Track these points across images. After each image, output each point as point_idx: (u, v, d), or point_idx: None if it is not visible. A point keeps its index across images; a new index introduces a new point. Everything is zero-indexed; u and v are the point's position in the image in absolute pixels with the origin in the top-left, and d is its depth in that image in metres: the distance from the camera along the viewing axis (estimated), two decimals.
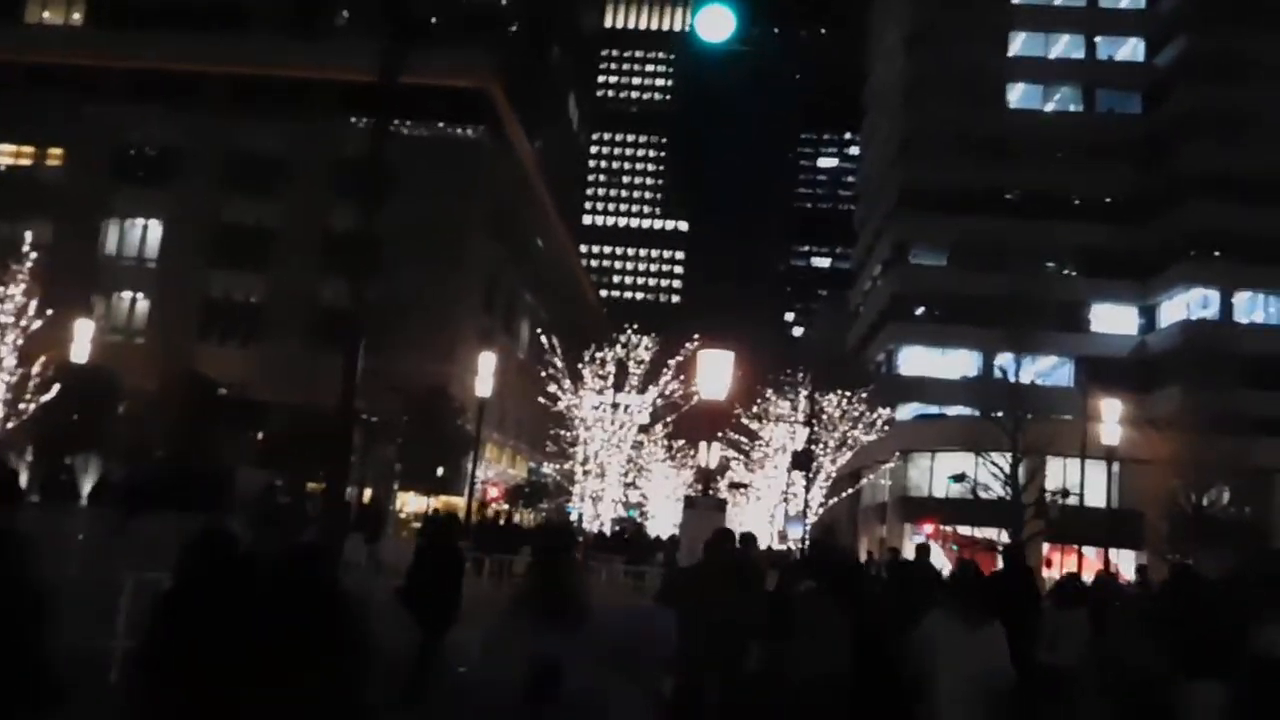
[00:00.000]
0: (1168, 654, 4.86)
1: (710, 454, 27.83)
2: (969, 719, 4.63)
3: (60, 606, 2.93)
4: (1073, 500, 29.90)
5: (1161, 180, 48.33)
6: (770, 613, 4.46)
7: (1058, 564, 31.24)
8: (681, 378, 38.55)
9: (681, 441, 54.45)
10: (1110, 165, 50.39)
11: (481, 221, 43.85)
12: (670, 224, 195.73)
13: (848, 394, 40.90)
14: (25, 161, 48.90)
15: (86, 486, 27.32)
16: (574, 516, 39.83)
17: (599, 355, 38.10)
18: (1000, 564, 8.96)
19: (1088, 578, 15.16)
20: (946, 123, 51.04)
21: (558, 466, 41.44)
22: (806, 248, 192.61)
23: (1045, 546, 34.11)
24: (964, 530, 37.98)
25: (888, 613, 5.28)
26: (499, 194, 46.66)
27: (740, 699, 3.34)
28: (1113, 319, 50.50)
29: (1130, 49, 53.82)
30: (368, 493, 37.31)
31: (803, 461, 32.39)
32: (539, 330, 44.14)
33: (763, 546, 42.85)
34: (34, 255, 31.63)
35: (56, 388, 30.15)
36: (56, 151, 46.90)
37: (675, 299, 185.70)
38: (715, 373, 9.35)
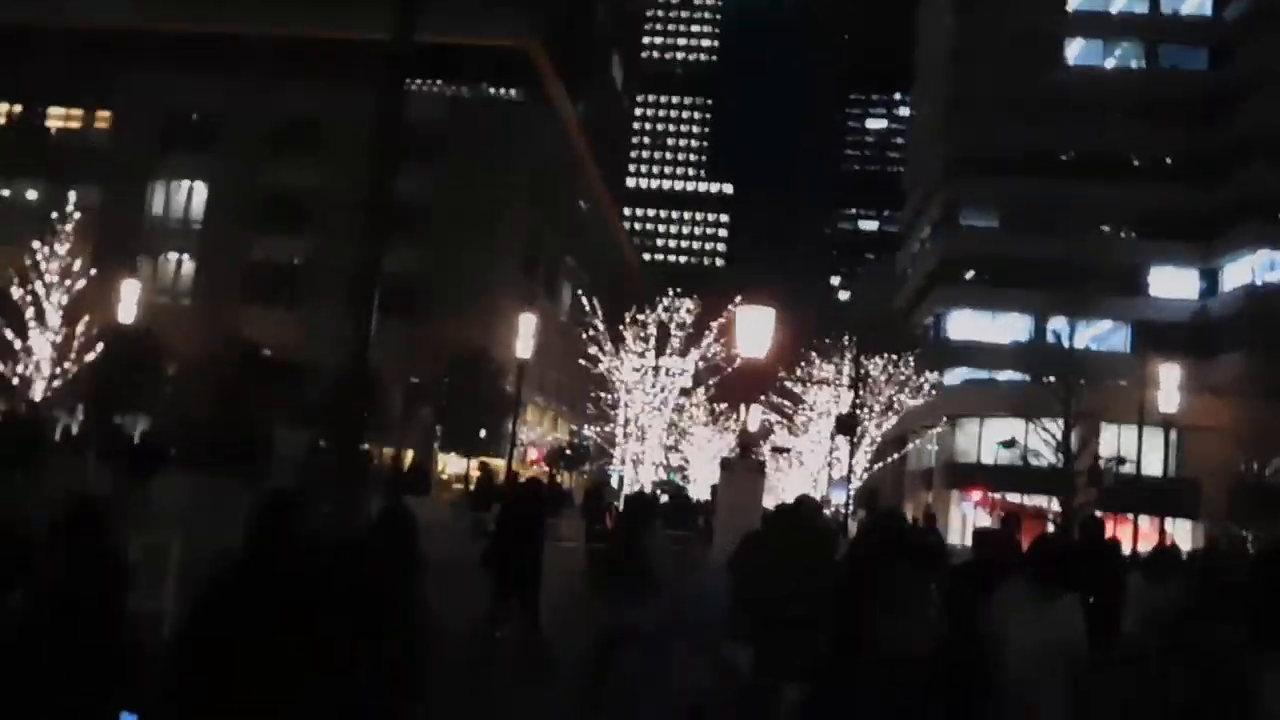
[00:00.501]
0: (1252, 629, 4.51)
1: (751, 416, 27.31)
2: (1040, 691, 4.52)
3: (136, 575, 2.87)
4: (1128, 468, 29.07)
5: (1226, 139, 46.63)
6: (849, 583, 4.29)
7: (1110, 534, 30.42)
8: (723, 340, 38.04)
9: (724, 405, 54.04)
10: (1172, 124, 48.73)
11: (522, 184, 43.47)
12: (714, 187, 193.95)
13: (894, 357, 40.16)
14: (74, 125, 49.41)
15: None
16: (614, 480, 39.67)
17: (640, 317, 37.73)
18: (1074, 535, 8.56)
19: (1145, 549, 14.58)
20: (1000, 81, 49.57)
21: (599, 429, 41.29)
22: (853, 211, 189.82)
23: (1097, 514, 33.25)
24: (1013, 498, 37.24)
25: (973, 585, 5.15)
26: (540, 156, 46.21)
27: (820, 674, 3.17)
28: (1172, 283, 49.06)
29: (1196, 3, 51.78)
30: (409, 454, 37.45)
31: (847, 425, 31.79)
32: (580, 293, 43.80)
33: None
34: (77, 216, 31.84)
35: (101, 348, 30.46)
36: (104, 115, 47.29)
37: (719, 263, 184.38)
38: (755, 330, 8.89)
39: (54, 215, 31.50)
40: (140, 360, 32.71)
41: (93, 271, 30.73)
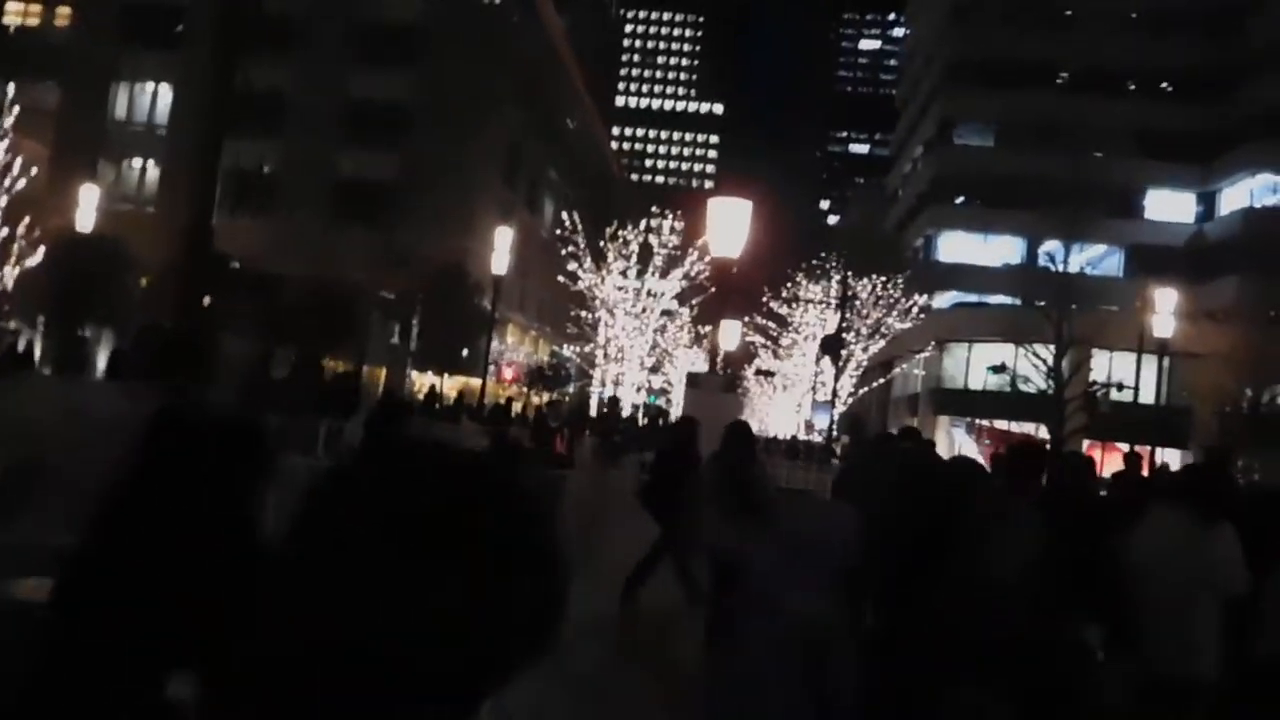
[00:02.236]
0: None
1: (727, 331, 26.33)
2: (1184, 625, 4.44)
3: None
4: (1125, 394, 28.40)
5: (1228, 55, 45.12)
6: (950, 512, 3.80)
7: (1100, 462, 29.88)
8: (707, 259, 36.96)
9: (709, 328, 53.22)
10: (1173, 38, 47.08)
11: (504, 92, 41.70)
12: (705, 106, 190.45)
13: (883, 279, 39.20)
14: (33, 21, 47.08)
15: (100, 359, 26.59)
16: (593, 400, 38.85)
17: (622, 233, 36.59)
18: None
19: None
20: None
21: (578, 349, 40.39)
22: (845, 133, 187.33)
23: (1085, 443, 32.79)
24: (1000, 424, 36.70)
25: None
26: (524, 64, 44.34)
27: (934, 605, 3.06)
28: (1169, 206, 48.04)
29: None
30: (381, 372, 36.46)
31: (832, 346, 30.90)
32: (563, 210, 42.44)
33: (788, 436, 41.90)
34: (16, 110, 30.17)
35: (49, 253, 29.12)
36: (64, 11, 45.01)
37: (708, 184, 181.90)
38: (729, 225, 7.81)
39: None
40: (102, 270, 31.38)
41: (33, 172, 29.12)
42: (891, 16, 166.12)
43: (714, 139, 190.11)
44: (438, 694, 0.77)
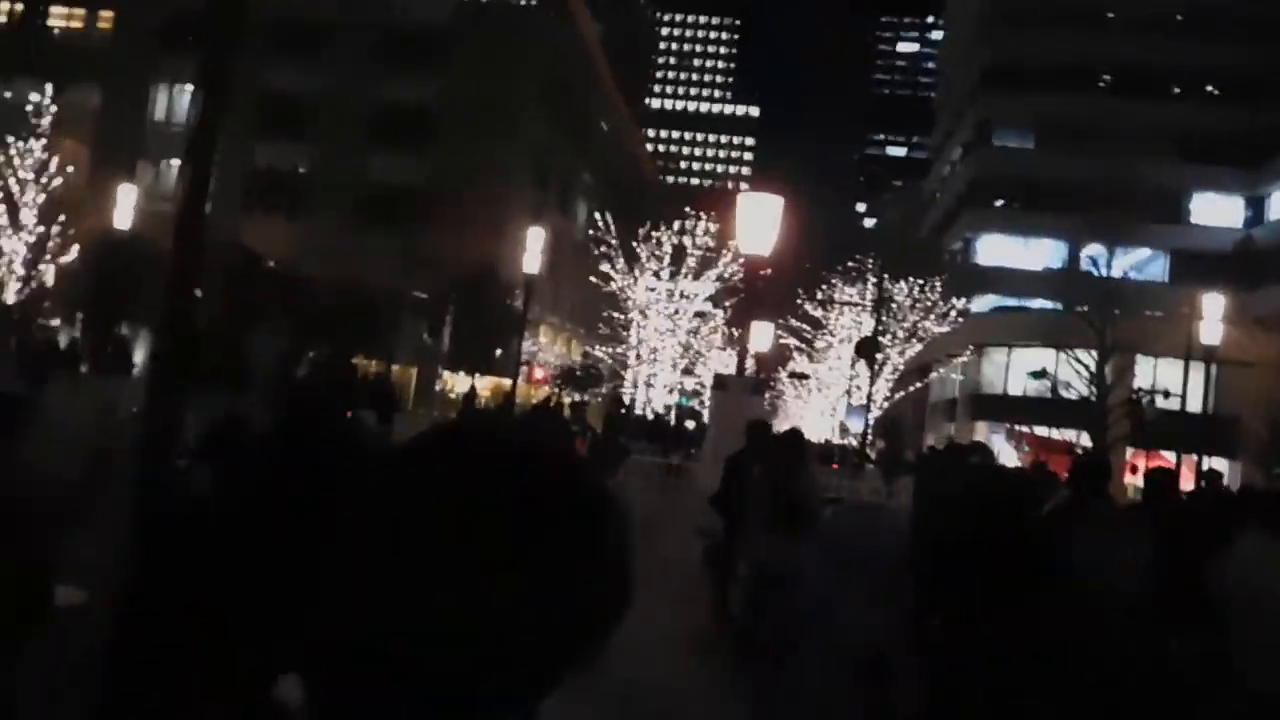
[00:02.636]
0: None
1: (760, 334, 25.91)
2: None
3: None
4: (1171, 403, 27.69)
5: (1274, 56, 44.03)
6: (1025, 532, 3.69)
7: (1143, 471, 29.19)
8: (741, 260, 36.60)
9: (742, 330, 52.83)
10: (1218, 39, 46.05)
11: (536, 95, 41.65)
12: (741, 109, 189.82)
13: (919, 282, 38.64)
14: (76, 25, 47.70)
15: (138, 356, 26.79)
16: (626, 401, 38.61)
17: (655, 235, 36.35)
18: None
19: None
20: None
21: (611, 350, 40.22)
22: (881, 136, 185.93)
23: (1129, 451, 32.05)
24: (1040, 431, 35.95)
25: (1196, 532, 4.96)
26: (557, 67, 44.26)
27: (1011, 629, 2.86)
28: (1214, 210, 46.95)
29: None
30: (413, 372, 36.49)
31: (868, 349, 30.41)
32: (596, 211, 42.26)
33: (821, 440, 41.39)
34: (54, 109, 30.47)
35: (83, 252, 29.40)
36: (107, 14, 45.57)
37: (744, 187, 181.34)
38: (758, 222, 7.50)
39: (28, 110, 30.16)
40: (140, 269, 31.67)
41: (69, 171, 29.39)
42: (930, 19, 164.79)
43: (749, 141, 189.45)
44: (499, 694, 0.76)
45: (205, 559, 1.99)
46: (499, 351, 35.92)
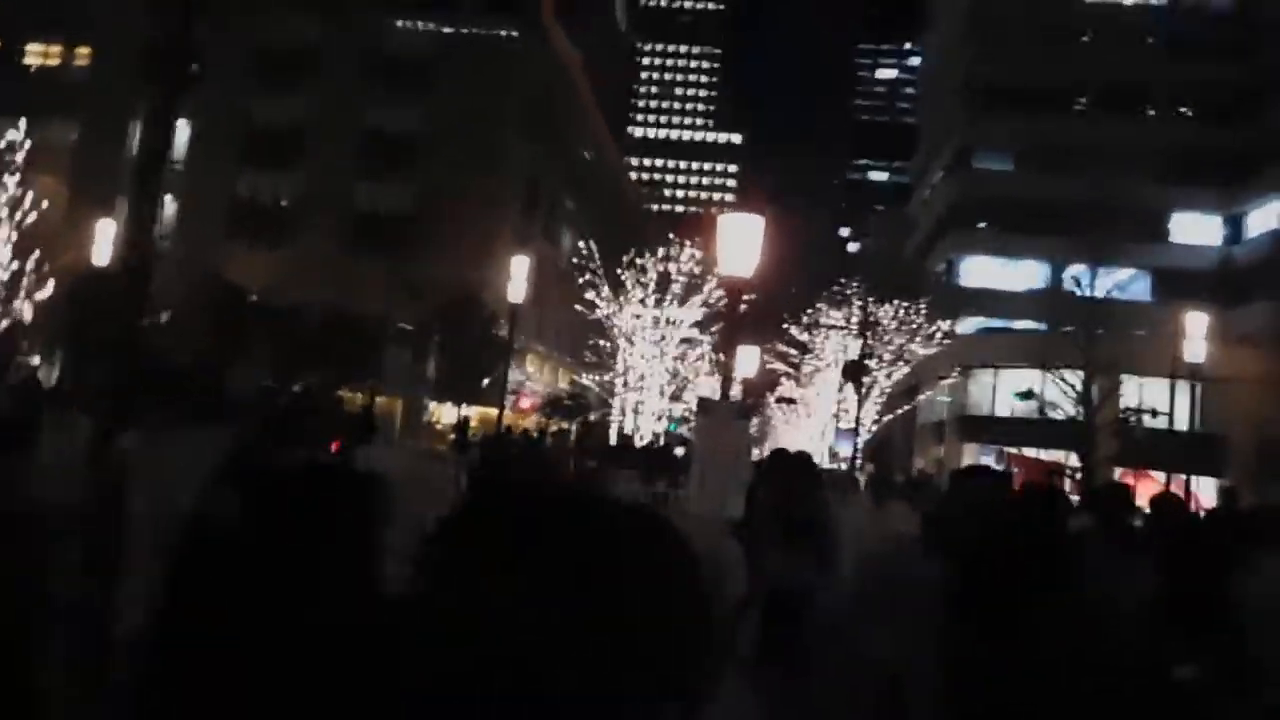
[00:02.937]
0: None
1: (745, 358, 25.76)
2: None
3: None
4: (1159, 421, 27.66)
5: (1251, 77, 44.55)
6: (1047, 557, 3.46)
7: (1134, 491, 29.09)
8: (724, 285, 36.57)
9: (728, 355, 52.69)
10: (1198, 60, 46.58)
11: (519, 123, 41.72)
12: (723, 137, 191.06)
13: (905, 305, 38.68)
14: (53, 61, 47.60)
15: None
16: (614, 429, 38.38)
17: (639, 261, 36.28)
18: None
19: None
20: (1016, 15, 47.49)
21: (597, 378, 40.03)
22: (864, 161, 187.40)
23: (1117, 471, 31.97)
24: (1029, 452, 35.90)
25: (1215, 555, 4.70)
26: (538, 95, 44.38)
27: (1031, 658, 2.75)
28: (1194, 229, 47.29)
29: None
30: (399, 403, 36.16)
31: (854, 372, 30.33)
32: (581, 238, 42.23)
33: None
34: (27, 144, 30.32)
35: (65, 288, 29.11)
36: (84, 50, 45.48)
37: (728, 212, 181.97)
38: (740, 242, 7.36)
39: (2, 147, 29.97)
40: (119, 305, 31.36)
41: (45, 207, 29.17)
42: (908, 46, 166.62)
43: (732, 168, 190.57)
44: None
45: (233, 586, 1.76)
46: (486, 380, 35.71)
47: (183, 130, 41.76)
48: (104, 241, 28.87)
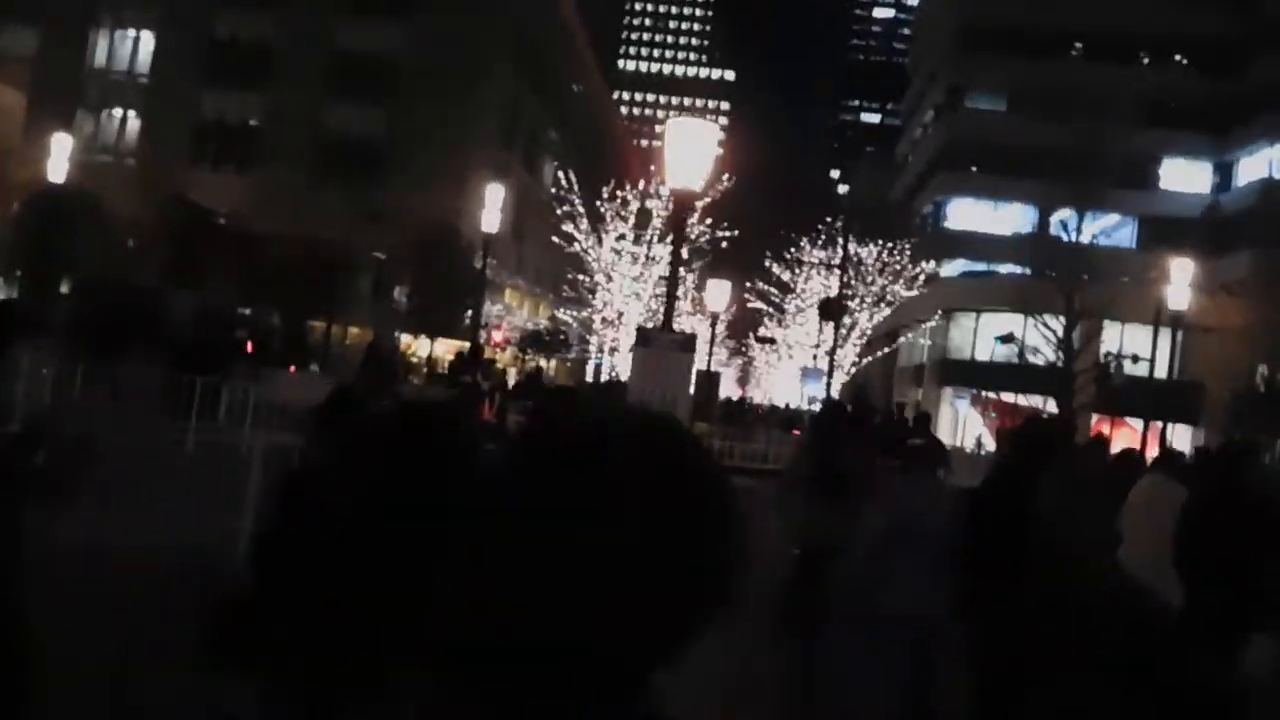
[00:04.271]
0: None
1: (716, 292, 25.20)
2: (1164, 573, 3.70)
3: None
4: (1139, 368, 27.37)
5: (1244, 24, 43.71)
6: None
7: (1110, 439, 28.90)
8: (709, 221, 35.84)
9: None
10: (1189, 6, 45.65)
11: (500, 46, 40.41)
12: (715, 73, 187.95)
13: (888, 245, 38.08)
14: None
15: None
16: (593, 367, 37.93)
17: (620, 195, 35.45)
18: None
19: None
20: None
21: (575, 314, 39.43)
22: (857, 102, 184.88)
23: (1094, 418, 31.78)
24: (1007, 398, 35.69)
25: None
26: (525, 20, 42.99)
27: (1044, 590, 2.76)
28: (1183, 176, 46.77)
29: None
30: (367, 335, 35.42)
31: (832, 310, 29.74)
32: (564, 172, 41.24)
33: (783, 405, 40.73)
34: None
35: (21, 207, 28.10)
36: None
37: (718, 151, 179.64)
38: (690, 151, 6.71)
39: None
40: (79, 224, 30.34)
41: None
42: None
43: (724, 106, 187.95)
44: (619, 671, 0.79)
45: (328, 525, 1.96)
46: (468, 314, 35.06)
47: (146, 43, 40.25)
48: (60, 157, 27.85)
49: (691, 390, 7.29)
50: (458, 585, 0.78)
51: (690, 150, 6.59)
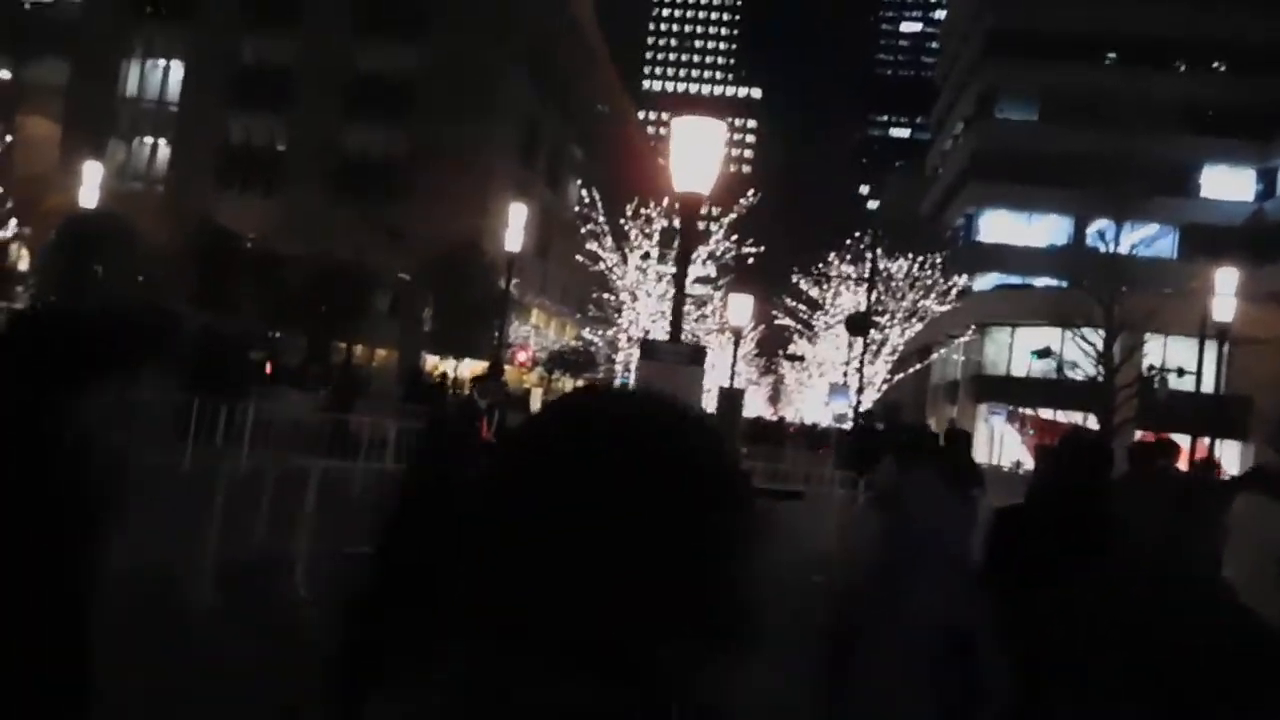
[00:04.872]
0: None
1: (738, 307, 24.62)
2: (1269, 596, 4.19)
3: None
4: (1185, 382, 26.45)
5: None
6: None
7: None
8: (734, 237, 35.37)
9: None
10: (1227, 10, 44.62)
11: (520, 65, 40.25)
12: (742, 91, 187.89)
13: (919, 259, 37.32)
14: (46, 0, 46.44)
15: None
16: (618, 386, 37.38)
17: (644, 211, 35.05)
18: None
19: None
20: None
21: (601, 333, 39.01)
22: (885, 117, 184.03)
23: (1137, 434, 30.79)
24: (1045, 414, 34.77)
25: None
26: (546, 37, 42.84)
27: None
28: (1225, 183, 45.60)
29: None
30: (394, 356, 35.26)
31: (860, 324, 28.98)
32: (588, 190, 40.93)
33: (808, 423, 39.87)
34: (19, 85, 29.26)
35: (55, 233, 28.17)
36: None
37: (745, 169, 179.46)
38: (697, 153, 6.21)
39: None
40: (111, 249, 30.44)
41: (36, 150, 28.17)
42: None
43: (751, 123, 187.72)
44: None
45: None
46: (496, 334, 34.75)
47: (175, 71, 40.55)
48: (92, 184, 27.92)
49: (707, 406, 6.76)
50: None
51: (697, 152, 6.10)
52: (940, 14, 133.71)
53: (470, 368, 34.82)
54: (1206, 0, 45.19)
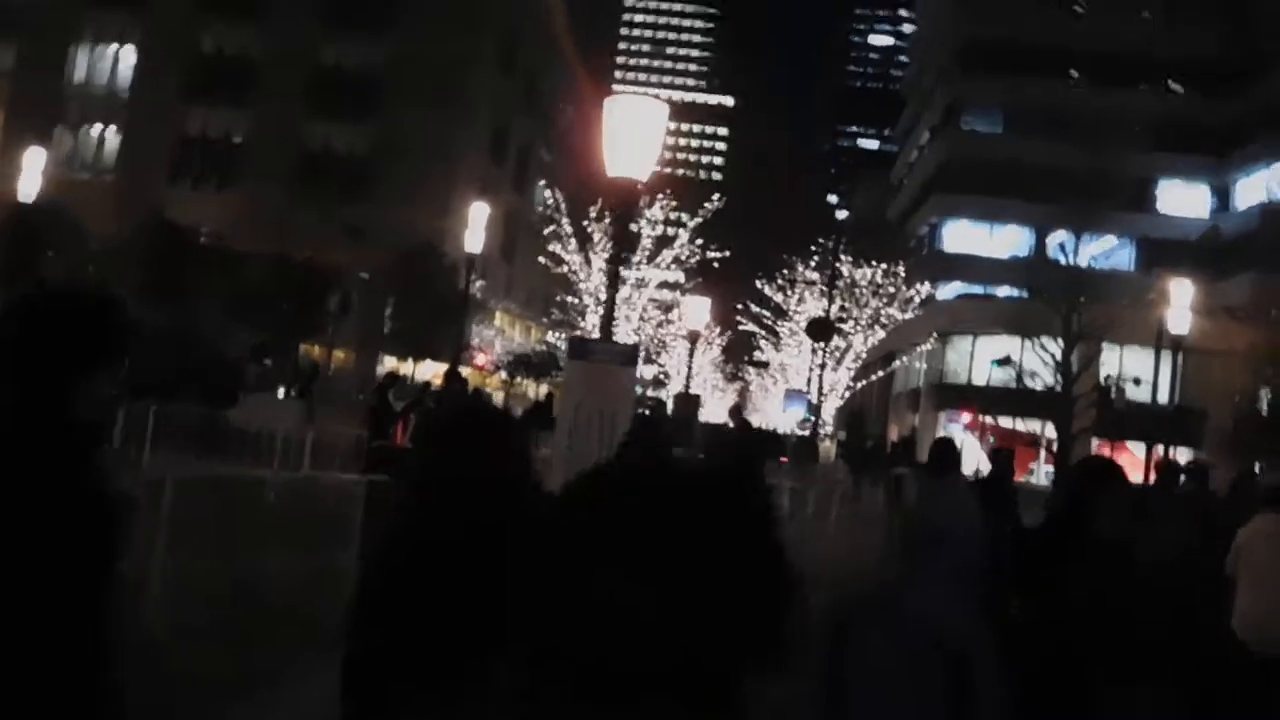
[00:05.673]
0: None
1: (694, 309, 24.44)
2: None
3: None
4: (1141, 391, 26.64)
5: (1243, 47, 43.36)
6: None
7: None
8: (699, 241, 35.23)
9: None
10: (1188, 28, 45.35)
11: (489, 66, 39.86)
12: (714, 99, 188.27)
13: (882, 266, 37.42)
14: None
15: None
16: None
17: (608, 214, 34.76)
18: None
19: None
20: None
21: (564, 337, 38.66)
22: (854, 128, 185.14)
23: (1094, 442, 31.01)
24: (1005, 422, 34.89)
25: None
26: (516, 36, 42.50)
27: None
28: (1182, 198, 46.28)
29: None
30: (350, 357, 34.75)
31: (821, 329, 28.86)
32: (555, 193, 40.64)
33: (771, 429, 39.77)
34: None
35: None
36: None
37: (716, 176, 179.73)
38: (633, 135, 5.92)
39: None
40: (56, 239, 29.66)
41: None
42: (902, 12, 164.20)
43: (722, 131, 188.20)
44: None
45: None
46: (461, 337, 34.36)
47: (127, 57, 39.58)
48: (33, 173, 27.13)
49: (633, 409, 6.50)
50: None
51: (634, 134, 5.83)
52: (909, 28, 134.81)
53: (435, 370, 34.42)
54: (1167, 20, 45.94)
